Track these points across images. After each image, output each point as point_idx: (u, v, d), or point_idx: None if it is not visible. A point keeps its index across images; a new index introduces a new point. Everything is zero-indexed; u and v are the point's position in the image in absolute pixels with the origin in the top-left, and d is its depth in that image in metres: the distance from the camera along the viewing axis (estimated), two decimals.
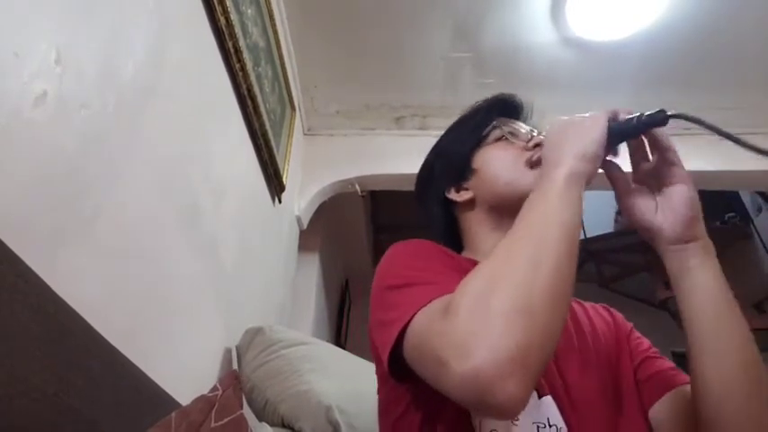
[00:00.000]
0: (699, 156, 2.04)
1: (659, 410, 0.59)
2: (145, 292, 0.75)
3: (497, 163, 0.68)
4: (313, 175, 2.02)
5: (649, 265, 3.55)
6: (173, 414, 0.64)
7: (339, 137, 2.15)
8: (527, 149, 0.67)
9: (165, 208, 0.82)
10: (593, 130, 0.53)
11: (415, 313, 0.47)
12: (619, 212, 4.54)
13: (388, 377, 0.52)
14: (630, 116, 0.54)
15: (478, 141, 0.72)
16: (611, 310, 0.73)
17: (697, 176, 2.40)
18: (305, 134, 2.13)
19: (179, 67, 0.87)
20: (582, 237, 3.37)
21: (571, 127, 0.55)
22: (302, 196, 1.96)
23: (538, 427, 0.51)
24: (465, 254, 0.71)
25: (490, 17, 1.69)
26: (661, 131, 0.55)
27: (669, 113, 0.52)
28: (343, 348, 1.57)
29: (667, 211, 0.55)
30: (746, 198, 3.60)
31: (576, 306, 0.70)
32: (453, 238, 0.73)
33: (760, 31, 1.72)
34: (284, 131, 1.69)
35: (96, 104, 0.63)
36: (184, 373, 0.88)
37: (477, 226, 0.70)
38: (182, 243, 0.88)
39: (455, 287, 0.45)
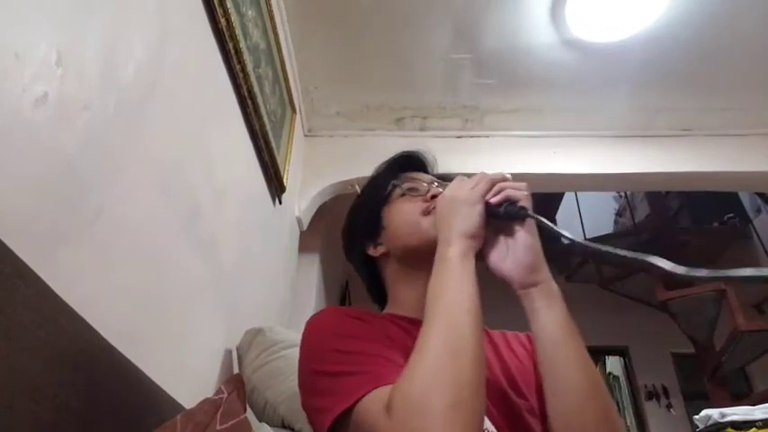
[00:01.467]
0: (699, 156, 2.04)
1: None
2: (145, 293, 0.75)
3: (399, 216, 0.76)
4: (313, 176, 2.02)
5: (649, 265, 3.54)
6: (178, 416, 0.65)
7: (339, 138, 2.15)
8: (425, 201, 0.75)
9: (166, 209, 0.83)
10: (475, 213, 0.61)
11: (355, 403, 0.51)
12: (619, 213, 4.54)
13: None
14: (498, 204, 0.62)
15: (384, 199, 0.80)
16: (531, 336, 0.82)
17: (697, 177, 2.41)
18: (305, 135, 2.13)
19: (179, 69, 0.87)
20: (582, 237, 3.38)
21: (455, 205, 0.62)
22: (302, 197, 1.96)
23: None
24: (387, 308, 0.77)
25: (490, 18, 1.70)
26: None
27: (528, 214, 0.60)
28: None
29: (511, 258, 0.62)
30: (746, 199, 3.60)
31: (497, 336, 0.77)
32: (377, 289, 0.81)
33: (759, 31, 1.72)
34: (284, 132, 1.69)
35: (97, 105, 0.63)
36: (184, 373, 0.88)
37: (394, 278, 0.77)
38: (182, 244, 0.89)
39: (386, 371, 0.53)
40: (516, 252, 0.62)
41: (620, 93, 1.95)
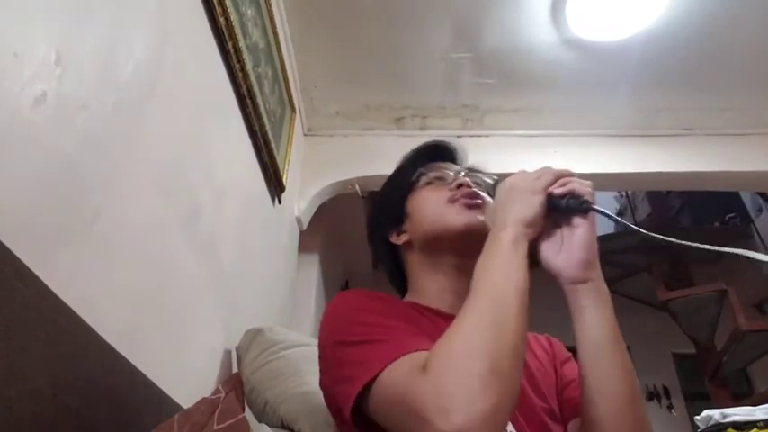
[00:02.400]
0: (699, 156, 2.04)
1: (572, 428, 0.66)
2: (144, 293, 0.75)
3: (424, 204, 0.76)
4: (313, 175, 2.02)
5: (650, 265, 3.55)
6: (175, 416, 0.64)
7: (339, 137, 2.15)
8: (451, 189, 0.74)
9: (165, 208, 0.82)
10: (536, 202, 0.59)
11: (382, 369, 0.51)
12: (620, 213, 4.54)
13: (349, 427, 0.56)
14: (562, 196, 0.60)
15: (410, 187, 0.79)
16: (552, 339, 0.80)
17: (697, 176, 2.41)
18: (305, 135, 2.13)
19: (179, 68, 0.87)
20: None
21: (517, 192, 0.61)
22: (302, 197, 1.95)
23: None
24: (409, 296, 0.77)
25: (490, 17, 1.69)
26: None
27: (593, 207, 0.59)
28: None
29: (566, 252, 0.60)
30: (747, 198, 3.60)
31: None
32: (401, 278, 0.81)
33: (759, 31, 1.72)
34: (284, 132, 1.69)
35: (96, 105, 0.63)
36: (184, 373, 0.88)
37: (417, 267, 0.77)
38: (181, 244, 0.88)
39: (412, 342, 0.52)
40: (572, 247, 0.60)
41: (621, 92, 1.95)
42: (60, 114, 0.56)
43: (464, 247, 0.68)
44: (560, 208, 0.60)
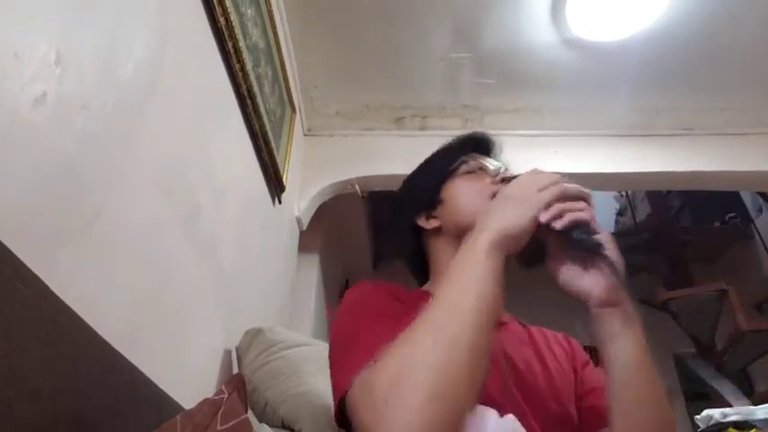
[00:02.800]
0: (699, 156, 2.04)
1: None
2: (144, 293, 0.75)
3: (463, 195, 0.73)
4: (313, 175, 2.02)
5: (650, 265, 3.55)
6: (178, 417, 0.64)
7: (339, 137, 2.15)
8: (494, 183, 0.71)
9: (165, 208, 0.82)
10: (525, 215, 0.55)
11: (348, 381, 0.50)
12: (620, 213, 4.54)
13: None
14: (574, 231, 0.56)
15: (448, 174, 0.76)
16: (570, 339, 0.78)
17: (697, 176, 2.41)
18: (305, 135, 2.13)
19: (179, 68, 0.87)
20: None
21: (511, 200, 0.57)
22: (302, 197, 1.95)
23: None
24: (429, 284, 0.75)
25: (490, 17, 1.69)
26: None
27: (605, 253, 0.55)
28: None
29: (588, 277, 0.57)
30: (747, 198, 3.60)
31: (537, 334, 0.74)
32: (421, 264, 0.79)
33: (759, 31, 1.72)
34: (284, 132, 1.69)
35: (96, 105, 0.63)
36: (184, 374, 0.88)
37: (442, 253, 0.74)
38: (181, 244, 0.88)
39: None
40: (597, 269, 0.57)
41: (621, 92, 1.95)
42: (60, 114, 0.56)
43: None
44: (574, 243, 0.57)
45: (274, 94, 1.53)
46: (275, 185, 1.54)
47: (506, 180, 0.69)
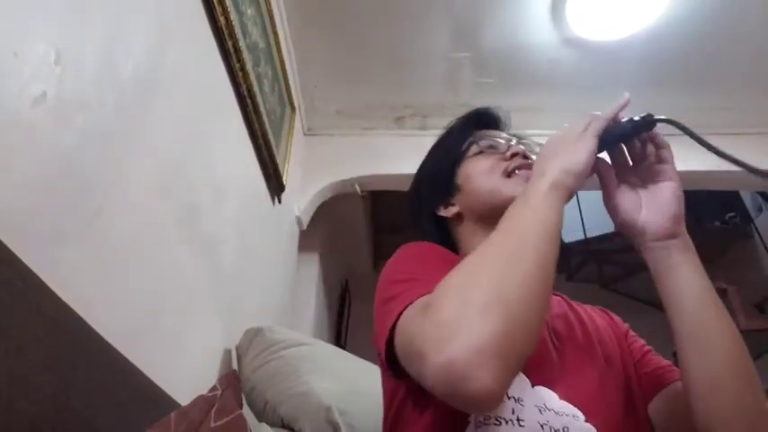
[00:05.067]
0: (699, 155, 2.03)
1: (656, 406, 0.61)
2: (144, 293, 0.75)
3: (477, 176, 0.71)
4: (313, 175, 2.02)
5: None
6: (172, 414, 0.64)
7: (339, 137, 2.15)
8: (505, 159, 0.70)
9: (165, 208, 0.82)
10: (581, 149, 0.54)
11: (402, 311, 0.48)
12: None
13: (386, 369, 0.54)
14: (622, 121, 0.56)
15: (459, 157, 0.75)
16: (608, 311, 0.76)
17: (697, 176, 2.41)
18: (305, 134, 2.13)
19: (178, 67, 0.87)
20: (582, 237, 3.38)
21: (562, 142, 0.56)
22: (302, 196, 1.95)
23: (540, 409, 0.51)
24: None
25: (490, 17, 1.69)
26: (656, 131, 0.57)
27: (656, 117, 0.55)
28: (343, 348, 1.57)
29: (653, 207, 0.56)
30: (747, 198, 3.59)
31: (576, 306, 0.73)
32: (452, 250, 0.76)
33: (759, 30, 1.72)
34: (284, 131, 1.69)
35: (96, 104, 0.63)
36: (184, 373, 0.88)
37: (469, 237, 0.72)
38: (181, 243, 0.88)
39: (432, 286, 0.47)
40: (659, 199, 0.55)
41: (621, 91, 1.94)
42: (60, 114, 0.56)
43: None
44: (624, 136, 0.56)
45: (274, 94, 1.53)
46: (275, 185, 1.54)
47: (516, 155, 0.69)
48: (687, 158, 0.57)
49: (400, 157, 2.01)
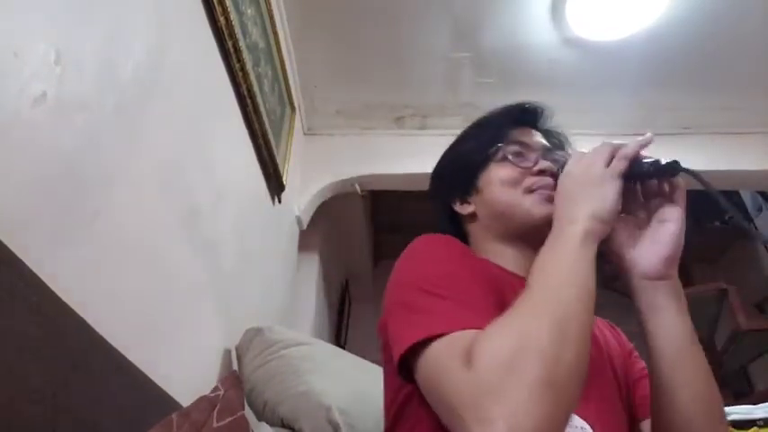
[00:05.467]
0: (699, 155, 2.04)
1: (645, 427, 0.61)
2: (144, 293, 0.75)
3: (498, 186, 0.69)
4: (313, 174, 2.02)
5: None
6: (174, 414, 0.64)
7: (339, 137, 2.15)
8: (531, 174, 0.68)
9: (165, 208, 0.82)
10: (609, 193, 0.53)
11: (440, 335, 0.46)
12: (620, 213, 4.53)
13: (395, 370, 0.52)
14: (646, 161, 0.55)
15: (485, 160, 0.73)
16: (616, 327, 0.76)
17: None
18: (305, 134, 2.13)
19: (178, 67, 0.87)
20: None
21: (585, 181, 0.55)
22: (302, 196, 1.95)
23: None
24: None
25: (490, 17, 1.69)
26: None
27: (682, 168, 0.55)
28: (343, 348, 1.57)
29: (649, 245, 0.56)
30: (747, 198, 3.59)
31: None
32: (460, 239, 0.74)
33: (760, 30, 1.71)
34: (284, 131, 1.69)
35: (96, 105, 0.63)
36: (184, 373, 0.88)
37: (480, 238, 0.71)
38: (181, 243, 0.88)
39: (474, 316, 0.47)
40: (659, 240, 0.55)
41: (621, 91, 1.95)
42: (60, 114, 0.56)
43: (538, 237, 0.60)
44: (646, 174, 0.55)
45: (274, 94, 1.53)
46: (275, 185, 1.54)
47: (543, 172, 0.67)
48: (686, 158, 0.57)
49: (400, 156, 2.02)
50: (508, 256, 0.66)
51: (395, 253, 0.65)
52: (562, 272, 0.48)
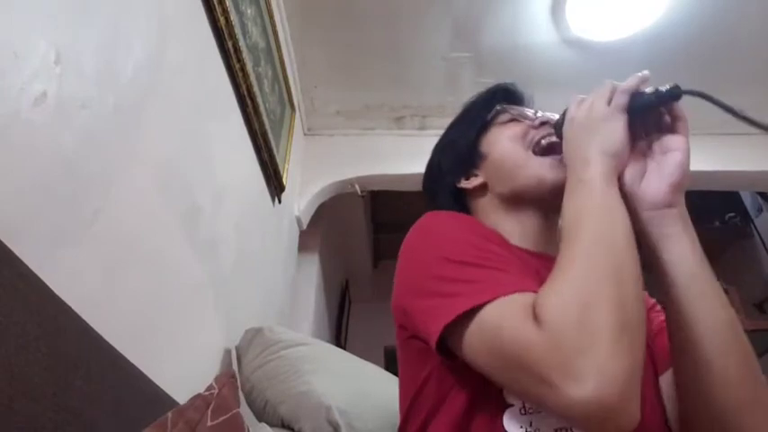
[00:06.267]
0: (699, 155, 2.03)
1: (663, 382, 0.59)
2: (144, 293, 0.75)
3: (506, 142, 0.68)
4: (313, 175, 2.02)
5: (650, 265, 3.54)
6: (169, 413, 0.64)
7: (339, 137, 2.15)
8: (534, 128, 0.67)
9: (165, 208, 0.82)
10: (616, 128, 0.53)
11: (492, 299, 0.44)
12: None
13: (417, 344, 0.50)
14: (648, 92, 0.55)
15: (484, 126, 0.72)
16: None
17: (697, 176, 2.41)
18: (305, 134, 2.13)
19: (178, 67, 0.87)
20: None
21: (590, 122, 0.55)
22: (302, 196, 1.96)
23: None
24: None
25: (490, 17, 1.69)
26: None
27: (684, 89, 0.54)
28: (343, 348, 1.57)
29: (655, 175, 0.55)
30: (747, 198, 3.60)
31: None
32: None
33: (760, 30, 1.72)
34: (284, 131, 1.69)
35: (96, 104, 0.63)
36: (184, 373, 0.88)
37: (494, 210, 0.68)
38: (181, 243, 0.88)
39: (524, 280, 0.45)
40: (662, 168, 0.54)
41: None
42: (60, 114, 0.56)
43: (551, 201, 0.60)
44: (652, 104, 0.54)
45: (274, 94, 1.53)
46: (275, 185, 1.54)
47: (545, 123, 0.66)
48: None
49: (400, 157, 2.02)
50: (518, 231, 0.64)
51: (395, 253, 0.64)
52: (600, 218, 0.47)
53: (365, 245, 3.21)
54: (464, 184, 0.71)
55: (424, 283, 0.52)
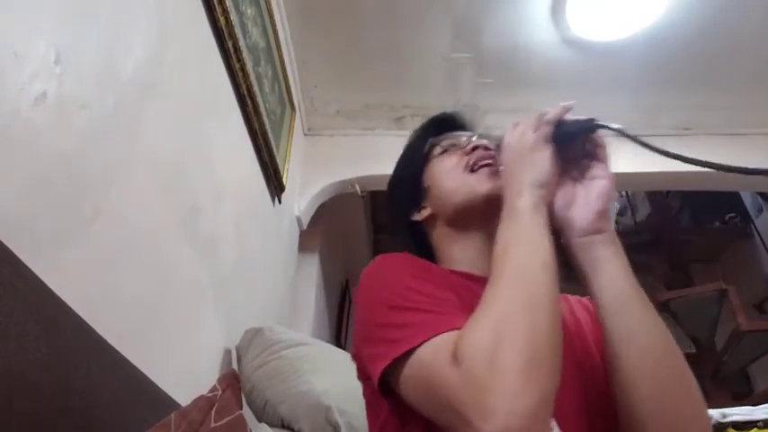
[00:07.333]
0: (699, 155, 2.03)
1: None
2: (144, 293, 0.75)
3: (442, 175, 0.72)
4: (313, 175, 2.02)
5: (650, 265, 3.55)
6: (172, 414, 0.64)
7: (339, 137, 2.15)
8: (466, 153, 0.71)
9: (165, 208, 0.82)
10: (543, 159, 0.57)
11: (425, 341, 0.47)
12: (620, 213, 4.53)
13: (374, 393, 0.53)
14: (568, 122, 0.59)
15: (423, 160, 0.76)
16: (590, 304, 0.73)
17: (697, 177, 2.41)
18: (305, 134, 2.13)
19: (179, 67, 0.87)
20: None
21: (520, 153, 0.58)
22: (302, 196, 1.96)
23: None
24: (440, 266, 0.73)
25: (490, 17, 1.69)
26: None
27: (596, 123, 0.58)
28: (343, 348, 1.57)
29: (582, 203, 0.57)
30: (747, 198, 3.60)
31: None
32: (430, 256, 0.76)
33: (760, 30, 1.72)
34: (284, 131, 1.69)
35: (96, 104, 0.63)
36: (184, 373, 0.88)
37: (444, 238, 0.72)
38: (181, 243, 0.88)
39: (452, 319, 0.48)
40: (588, 196, 0.57)
41: (621, 92, 1.95)
42: (60, 114, 0.56)
43: (491, 215, 0.62)
44: (575, 135, 0.58)
45: (274, 94, 1.53)
46: (275, 185, 1.54)
47: (477, 148, 0.70)
48: None
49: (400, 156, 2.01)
50: (465, 256, 0.67)
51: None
52: (521, 250, 0.50)
53: (365, 245, 3.21)
54: (416, 217, 0.75)
55: (369, 331, 0.56)
